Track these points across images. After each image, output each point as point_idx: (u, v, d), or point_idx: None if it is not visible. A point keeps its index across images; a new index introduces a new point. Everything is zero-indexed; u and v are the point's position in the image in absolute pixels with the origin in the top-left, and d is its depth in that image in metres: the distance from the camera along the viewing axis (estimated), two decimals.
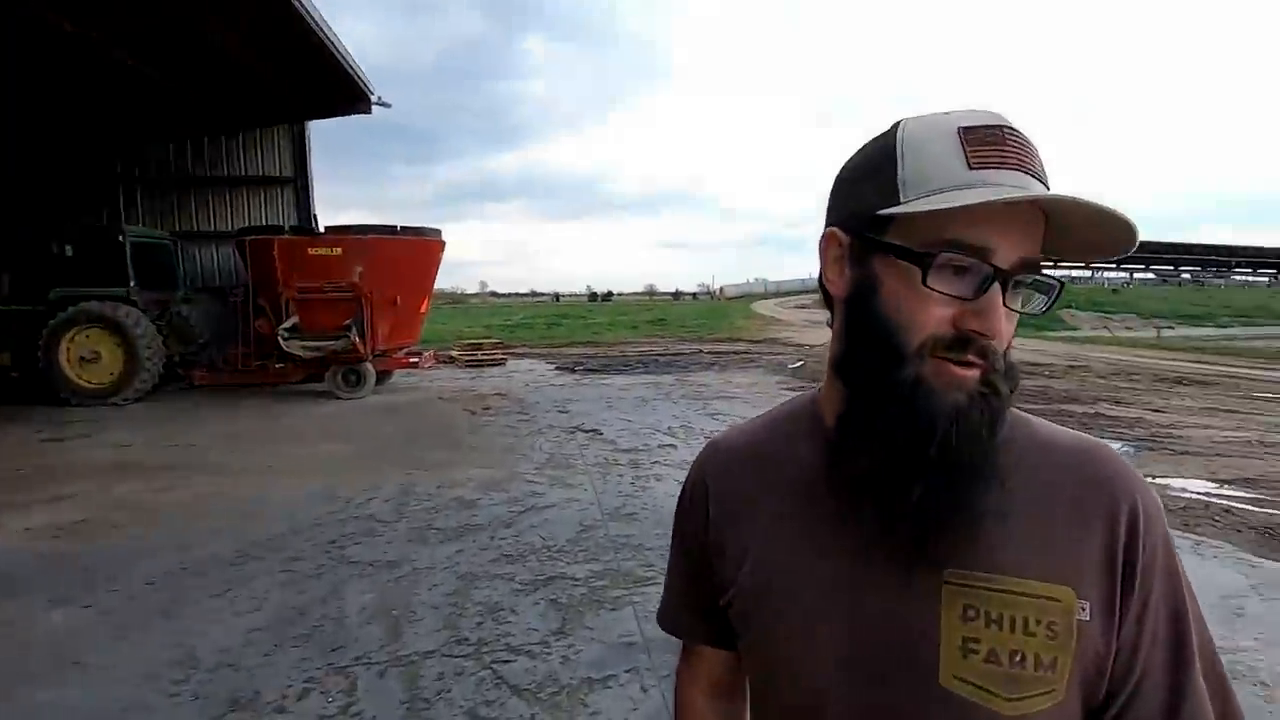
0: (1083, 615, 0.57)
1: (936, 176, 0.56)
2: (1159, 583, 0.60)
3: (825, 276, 0.66)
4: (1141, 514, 0.60)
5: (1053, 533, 0.59)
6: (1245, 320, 32.46)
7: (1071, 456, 0.62)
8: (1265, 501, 5.09)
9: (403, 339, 11.26)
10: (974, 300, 0.55)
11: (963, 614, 0.58)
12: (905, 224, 0.57)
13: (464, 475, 5.90)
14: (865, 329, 0.60)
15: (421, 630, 3.22)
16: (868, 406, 0.60)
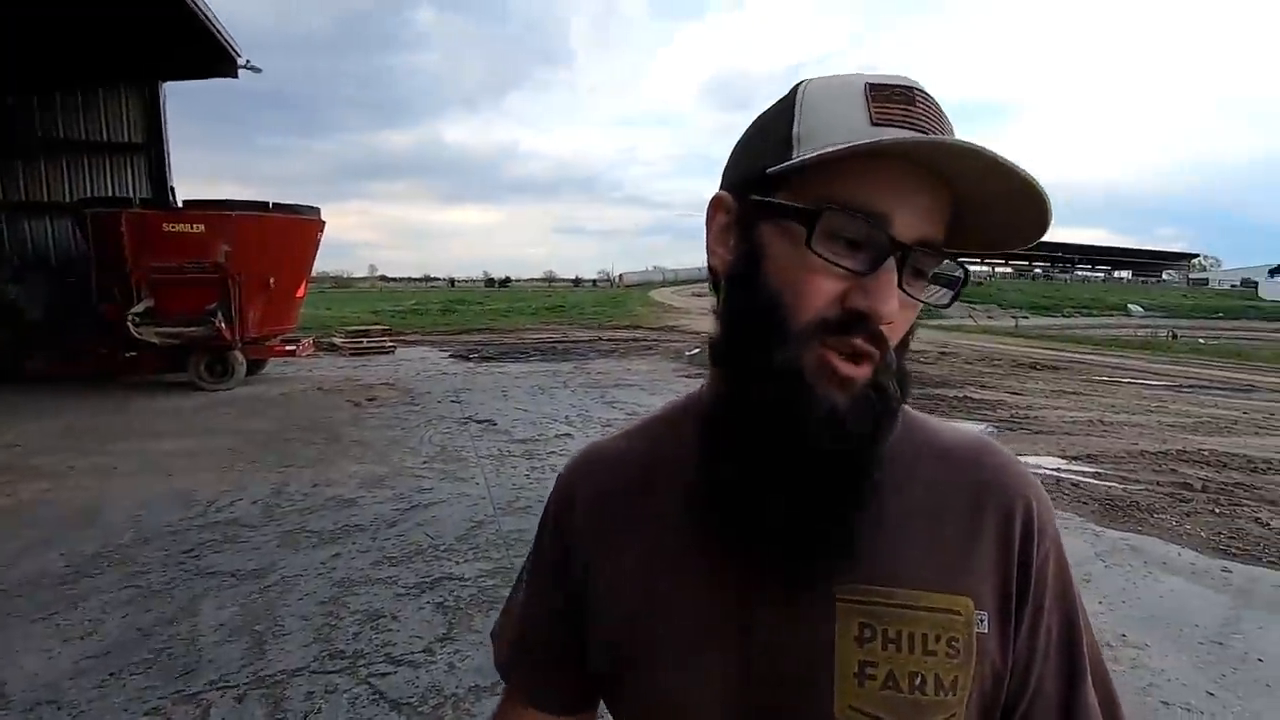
0: (981, 628, 0.53)
1: (834, 131, 0.48)
2: (1052, 588, 0.56)
3: (710, 249, 0.56)
4: (1035, 515, 0.56)
5: (948, 539, 0.55)
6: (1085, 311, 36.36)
7: (965, 457, 0.58)
8: (1105, 475, 5.65)
9: (277, 325, 10.41)
10: (867, 275, 0.48)
11: (859, 634, 0.52)
12: (797, 185, 0.49)
13: (344, 472, 5.51)
14: (747, 306, 0.52)
15: (289, 645, 2.93)
16: (738, 401, 0.52)
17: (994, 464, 0.58)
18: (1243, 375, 12.53)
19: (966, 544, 0.55)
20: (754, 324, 0.51)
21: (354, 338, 14.60)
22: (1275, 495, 5.10)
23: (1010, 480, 0.57)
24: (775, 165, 0.50)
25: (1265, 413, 8.60)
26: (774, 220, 0.50)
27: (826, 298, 0.48)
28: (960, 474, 0.57)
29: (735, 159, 0.57)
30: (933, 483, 0.57)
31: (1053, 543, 0.57)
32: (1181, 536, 4.31)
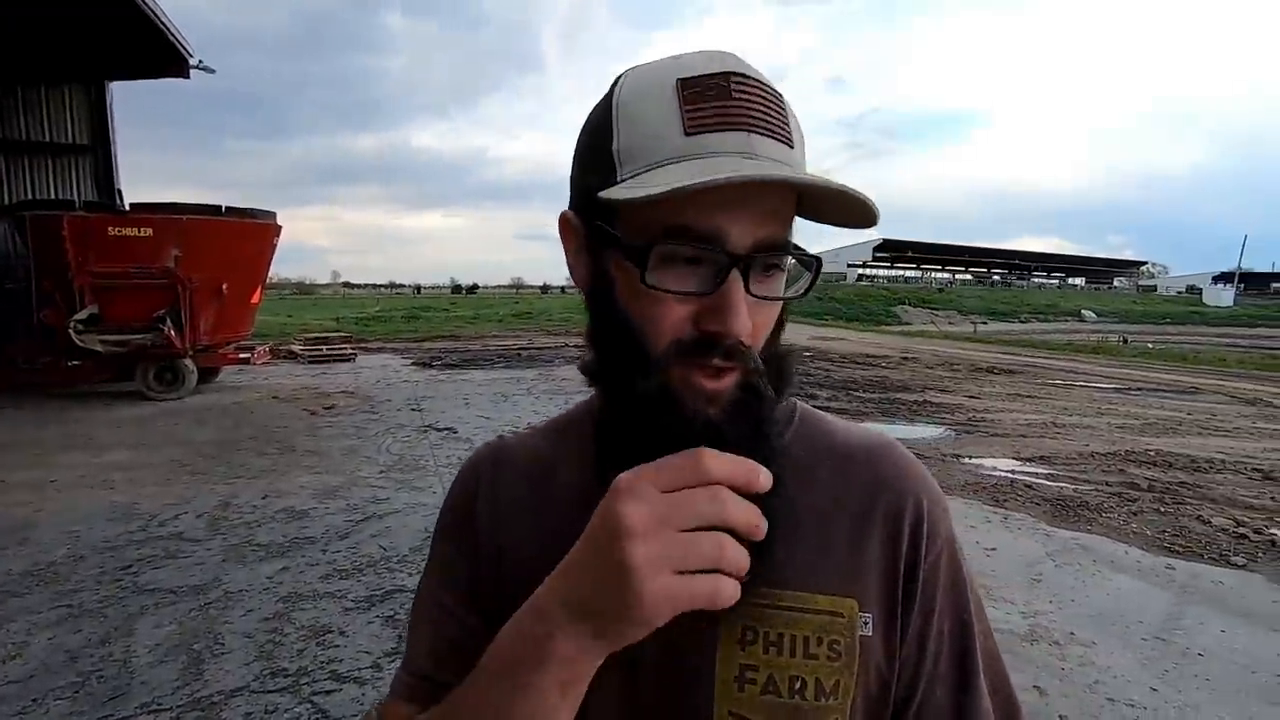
0: (865, 630, 0.52)
1: (650, 147, 0.46)
2: (944, 591, 0.55)
3: (570, 265, 0.55)
4: (926, 514, 0.55)
5: (837, 541, 0.54)
6: (1040, 316, 37.42)
7: (862, 458, 0.58)
8: (1058, 476, 5.78)
9: (231, 332, 10.10)
10: (711, 295, 0.46)
11: (740, 638, 0.51)
12: (627, 212, 0.46)
13: (295, 483, 5.35)
14: (606, 332, 0.51)
15: (229, 665, 2.82)
16: (619, 418, 0.50)
17: (889, 464, 0.57)
18: (1187, 378, 13.00)
19: (854, 545, 0.54)
20: (615, 350, 0.50)
21: (313, 345, 14.26)
22: (1216, 494, 5.28)
23: (904, 480, 0.56)
24: (602, 189, 0.47)
25: (1208, 414, 8.92)
26: (614, 249, 0.48)
27: (677, 322, 0.47)
28: (856, 475, 0.56)
29: (573, 170, 0.54)
30: (828, 484, 0.56)
31: (946, 543, 0.56)
32: (1128, 535, 4.42)
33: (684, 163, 0.45)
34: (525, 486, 0.60)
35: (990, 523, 4.56)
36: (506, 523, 0.59)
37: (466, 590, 0.59)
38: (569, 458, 0.60)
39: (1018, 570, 3.81)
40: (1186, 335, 30.12)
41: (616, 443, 0.50)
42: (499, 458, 0.63)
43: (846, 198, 0.46)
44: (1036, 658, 2.95)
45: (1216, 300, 52.67)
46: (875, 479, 0.57)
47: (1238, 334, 30.91)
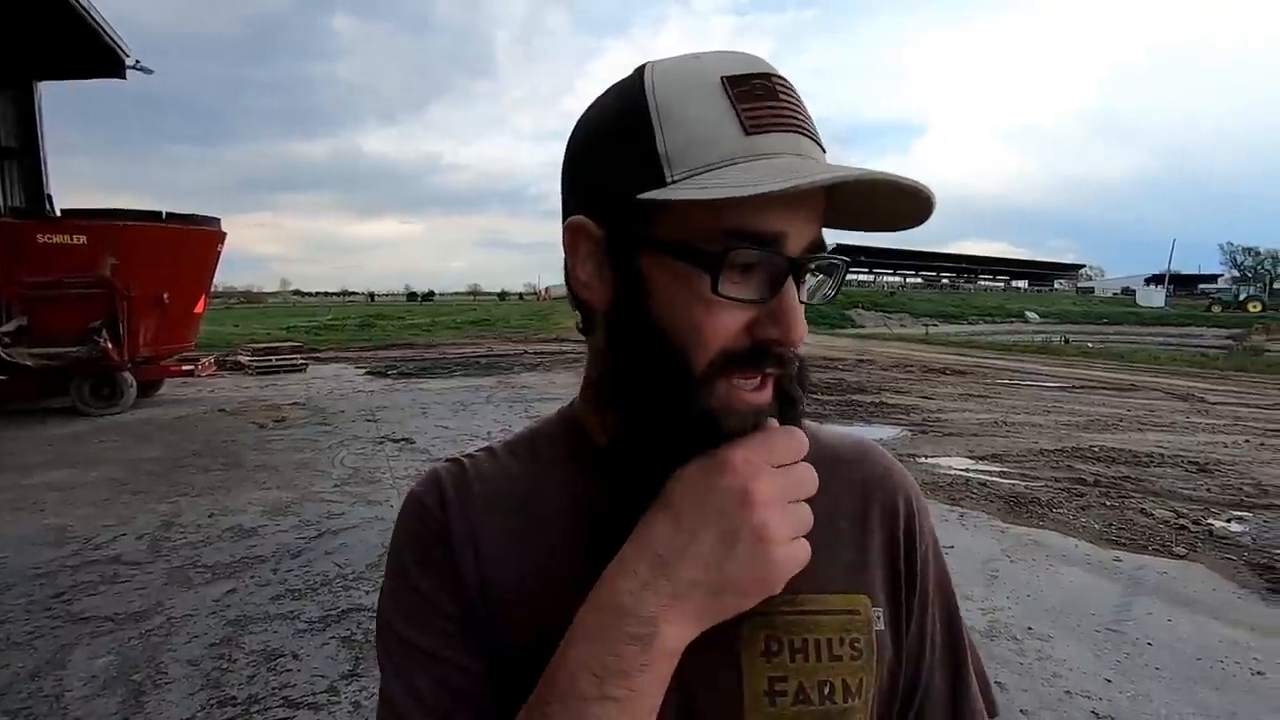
0: (879, 625, 0.53)
1: (706, 146, 0.43)
2: (934, 581, 0.58)
3: (574, 277, 0.50)
4: (916, 511, 0.58)
5: (843, 540, 0.55)
6: (987, 318, 38.68)
7: (850, 459, 0.59)
8: (1009, 473, 5.95)
9: (173, 343, 9.69)
10: (769, 301, 0.45)
11: (765, 650, 0.50)
12: (676, 213, 0.44)
13: (244, 499, 5.14)
14: (637, 347, 0.47)
15: (172, 695, 2.67)
16: (652, 442, 0.48)
17: (875, 463, 0.59)
18: (1125, 376, 13.58)
19: (859, 543, 0.55)
20: (653, 364, 0.46)
21: (262, 355, 13.77)
22: (1157, 486, 5.50)
23: (891, 479, 0.58)
24: (648, 190, 0.44)
25: (1146, 410, 9.32)
26: (658, 254, 0.45)
27: (731, 332, 0.45)
28: (847, 475, 0.57)
29: (587, 171, 0.50)
30: (824, 486, 0.53)
31: (931, 536, 0.59)
32: (1078, 530, 4.56)
33: (751, 163, 0.43)
34: (501, 513, 0.53)
35: (948, 520, 4.65)
36: (488, 554, 0.52)
37: (460, 630, 0.50)
38: (548, 479, 0.55)
39: (975, 567, 3.89)
40: (1123, 334, 31.52)
41: (644, 464, 0.48)
42: (464, 481, 0.55)
43: (901, 198, 0.46)
44: (997, 653, 3.01)
45: (1149, 301, 55.32)
46: (865, 479, 0.58)
47: (1169, 332, 32.46)
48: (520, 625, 0.50)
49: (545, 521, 0.53)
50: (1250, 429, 8.03)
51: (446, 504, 0.54)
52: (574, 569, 0.50)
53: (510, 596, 0.51)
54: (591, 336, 0.53)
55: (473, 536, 0.52)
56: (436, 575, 0.51)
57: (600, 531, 0.50)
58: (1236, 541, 4.34)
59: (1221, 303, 48.82)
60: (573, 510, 0.53)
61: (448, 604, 0.51)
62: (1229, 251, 77.40)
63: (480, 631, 0.50)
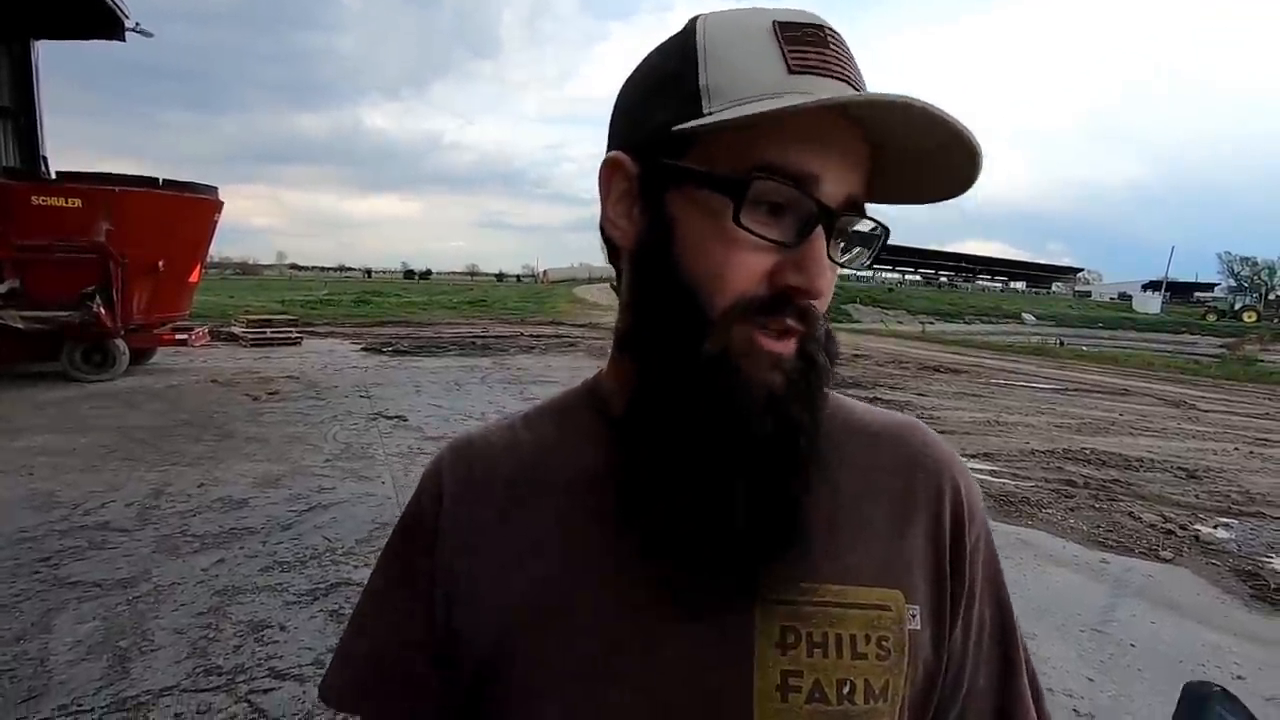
0: (913, 624, 0.49)
1: (748, 82, 0.42)
2: (984, 575, 0.53)
3: (608, 219, 0.49)
4: (965, 497, 0.53)
5: (878, 526, 0.50)
6: (984, 318, 38.75)
7: (889, 437, 0.55)
8: (1000, 473, 5.97)
9: (167, 311, 9.61)
10: (795, 247, 0.43)
11: (781, 641, 0.46)
12: (709, 146, 0.44)
13: (234, 471, 5.11)
14: (658, 288, 0.46)
15: (158, 663, 2.66)
16: (663, 390, 0.46)
17: (922, 444, 0.55)
18: (1119, 380, 13.64)
19: (897, 531, 0.50)
20: (671, 308, 0.45)
21: (256, 327, 13.67)
22: (1146, 491, 5.53)
23: (939, 460, 0.54)
24: (684, 122, 0.43)
25: (1138, 414, 9.36)
26: (685, 188, 0.44)
27: (752, 275, 0.43)
28: (889, 456, 0.53)
29: (628, 112, 0.49)
30: (860, 466, 0.52)
31: (982, 527, 0.54)
32: (1066, 530, 4.59)
33: (789, 96, 0.41)
34: (503, 490, 0.52)
35: None
36: (472, 543, 0.51)
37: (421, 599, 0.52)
38: (564, 447, 0.53)
39: None
40: (1118, 339, 31.62)
41: (654, 419, 0.46)
42: (465, 459, 0.55)
43: (946, 153, 0.43)
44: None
45: (1145, 307, 55.54)
46: (909, 458, 0.54)
47: (1164, 339, 32.61)
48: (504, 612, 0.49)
49: (543, 501, 0.51)
50: (1240, 437, 8.08)
51: (442, 481, 0.54)
52: (567, 558, 0.49)
53: (497, 568, 0.50)
54: (620, 289, 0.52)
55: (456, 515, 0.52)
56: (412, 542, 0.54)
57: (600, 514, 0.49)
58: (1222, 547, 4.37)
59: (1217, 311, 49.09)
60: (577, 487, 0.51)
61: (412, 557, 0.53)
62: (1227, 261, 77.68)
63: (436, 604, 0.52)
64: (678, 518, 0.45)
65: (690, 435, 0.44)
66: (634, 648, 0.47)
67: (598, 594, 0.48)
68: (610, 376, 0.54)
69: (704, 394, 0.44)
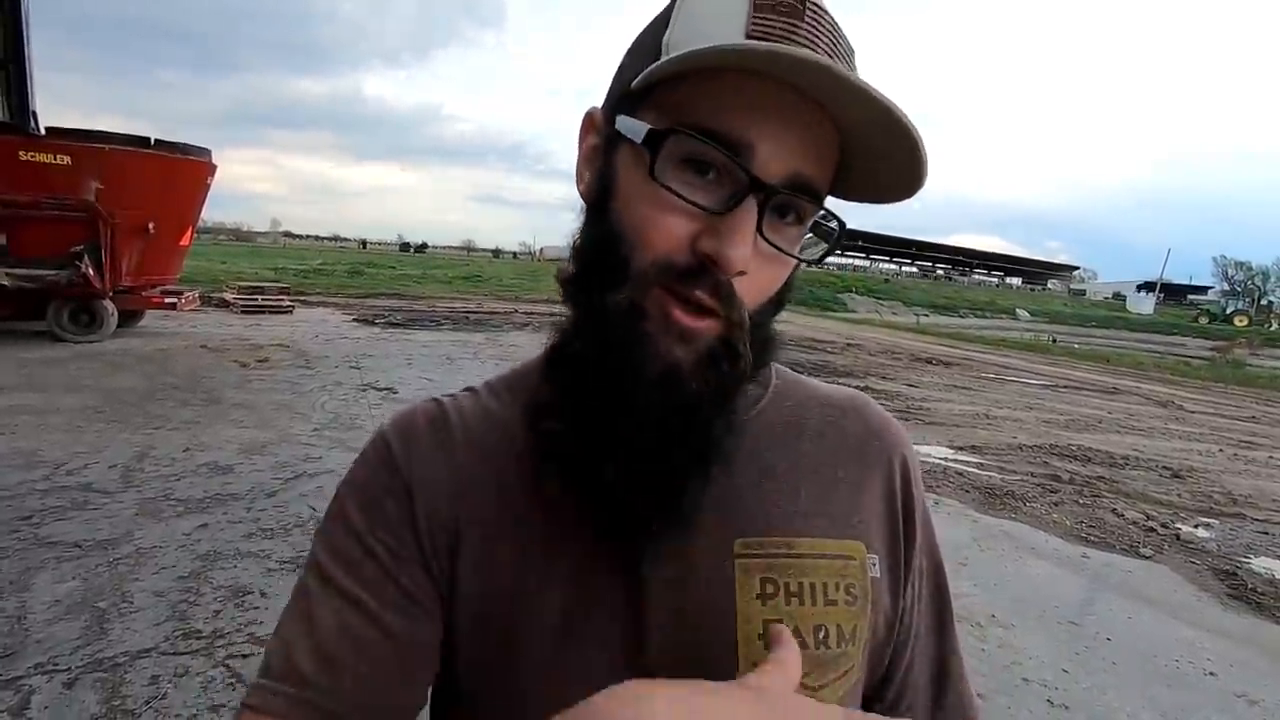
0: (874, 571, 0.52)
1: (702, 41, 0.40)
2: (922, 534, 0.57)
3: (578, 174, 0.50)
4: (911, 465, 0.58)
5: (839, 487, 0.54)
6: (978, 312, 38.87)
7: (845, 407, 0.58)
8: (987, 465, 6.00)
9: (157, 274, 9.50)
10: (720, 215, 0.41)
11: (761, 592, 0.48)
12: (658, 106, 0.43)
13: (221, 436, 5.08)
14: (594, 240, 0.46)
15: (137, 624, 2.65)
16: (576, 337, 0.46)
17: (873, 415, 0.58)
18: (1109, 379, 13.72)
19: (856, 491, 0.54)
20: (597, 260, 0.45)
21: (247, 294, 13.56)
22: (1130, 488, 5.58)
23: (889, 431, 0.58)
24: (636, 78, 0.43)
25: (1126, 413, 9.43)
26: (628, 144, 0.44)
27: (674, 238, 0.42)
28: (844, 426, 0.56)
29: (615, 75, 0.50)
30: (820, 433, 0.55)
31: (922, 492, 0.58)
32: (1049, 524, 4.62)
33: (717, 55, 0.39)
34: (479, 452, 0.52)
35: None
36: (465, 494, 0.50)
37: (392, 584, 0.48)
38: (516, 416, 0.53)
39: (945, 554, 3.80)
40: (1110, 338, 31.79)
41: (560, 373, 0.46)
42: (440, 422, 0.53)
43: (897, 143, 0.41)
44: (959, 638, 3.05)
45: (1138, 307, 55.78)
46: (864, 429, 0.57)
47: (1155, 340, 32.79)
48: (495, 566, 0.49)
49: (514, 452, 0.51)
50: (1225, 439, 8.15)
51: (413, 451, 0.52)
52: (543, 498, 0.49)
53: (488, 537, 0.50)
54: None
55: (448, 479, 0.51)
56: (382, 524, 0.49)
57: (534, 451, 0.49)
58: (1202, 547, 4.42)
59: (1209, 314, 49.38)
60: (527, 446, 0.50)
61: (385, 555, 0.49)
62: (1221, 265, 78.01)
63: (422, 583, 0.49)
64: (575, 475, 0.46)
65: (586, 389, 0.44)
66: (616, 600, 0.48)
67: (573, 554, 0.48)
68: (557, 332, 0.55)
69: (607, 347, 0.43)
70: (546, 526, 0.49)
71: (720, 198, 0.41)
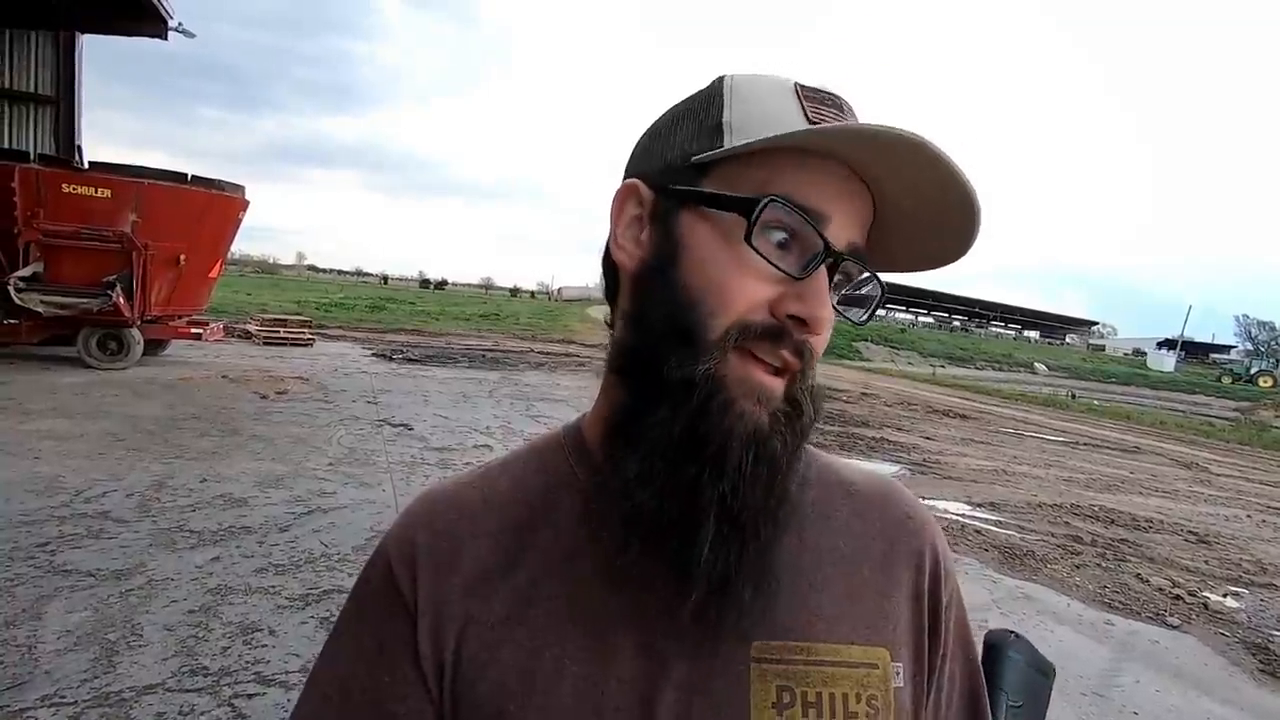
0: (898, 681, 0.50)
1: (771, 123, 0.45)
2: (955, 633, 0.55)
3: (616, 242, 0.50)
4: (941, 558, 0.55)
5: (864, 587, 0.52)
6: (996, 364, 38.52)
7: (872, 496, 0.56)
8: (1006, 523, 5.88)
9: (185, 305, 9.72)
10: (798, 280, 0.44)
11: (776, 700, 0.46)
12: (727, 176, 0.45)
13: (238, 468, 5.12)
14: (660, 306, 0.46)
15: (145, 658, 2.64)
16: (644, 412, 0.45)
17: (902, 505, 0.56)
18: (1130, 437, 13.47)
19: (882, 591, 0.52)
20: (670, 326, 0.45)
21: (270, 326, 13.80)
22: (1155, 553, 5.43)
23: (918, 523, 0.56)
24: (705, 152, 0.45)
25: (1149, 474, 9.23)
26: (700, 210, 0.45)
27: (753, 300, 0.44)
28: (872, 517, 0.55)
29: (649, 147, 0.51)
30: (848, 528, 0.53)
31: (955, 585, 0.56)
32: (1071, 588, 4.50)
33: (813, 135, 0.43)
34: (485, 544, 0.50)
35: None
36: (456, 601, 0.49)
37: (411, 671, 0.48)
38: (545, 498, 0.52)
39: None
40: (1130, 395, 31.32)
41: (632, 445, 0.45)
42: (439, 512, 0.52)
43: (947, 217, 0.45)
44: None
45: (1159, 364, 55.03)
46: (893, 520, 0.55)
47: (1177, 399, 32.25)
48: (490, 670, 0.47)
49: (526, 556, 0.50)
50: (1252, 504, 7.94)
51: (415, 536, 0.51)
52: (552, 614, 0.48)
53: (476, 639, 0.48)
54: (613, 325, 0.52)
55: (437, 571, 0.50)
56: (376, 609, 0.50)
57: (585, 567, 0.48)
58: (1231, 618, 4.27)
59: (1233, 374, 48.54)
60: (559, 541, 0.50)
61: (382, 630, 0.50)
62: (1244, 324, 77.03)
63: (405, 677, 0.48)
64: (648, 550, 0.45)
65: (670, 456, 0.43)
66: (629, 701, 0.46)
67: (589, 650, 0.47)
68: (595, 414, 0.54)
69: (690, 418, 0.43)
70: (558, 619, 0.48)
71: (796, 262, 0.44)
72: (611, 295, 0.53)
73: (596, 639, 0.47)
